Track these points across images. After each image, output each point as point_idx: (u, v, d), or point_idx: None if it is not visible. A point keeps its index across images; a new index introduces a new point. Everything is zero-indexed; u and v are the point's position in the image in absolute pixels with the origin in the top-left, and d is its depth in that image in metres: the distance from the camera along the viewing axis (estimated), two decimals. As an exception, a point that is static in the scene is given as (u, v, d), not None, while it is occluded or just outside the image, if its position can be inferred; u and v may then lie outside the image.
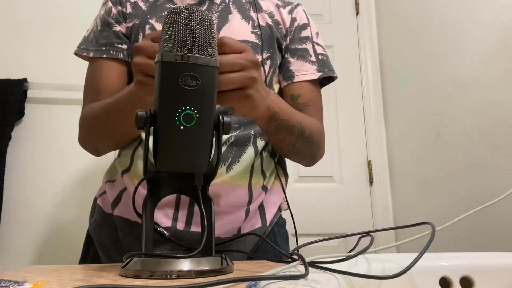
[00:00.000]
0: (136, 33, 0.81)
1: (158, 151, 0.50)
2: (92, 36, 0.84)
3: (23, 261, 1.53)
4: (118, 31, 0.82)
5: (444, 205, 1.58)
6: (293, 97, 0.85)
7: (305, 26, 0.90)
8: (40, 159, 1.63)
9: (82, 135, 0.79)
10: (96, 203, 0.82)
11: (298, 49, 0.88)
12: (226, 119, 0.52)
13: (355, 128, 2.05)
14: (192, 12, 0.48)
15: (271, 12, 0.89)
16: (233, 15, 0.84)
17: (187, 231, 0.70)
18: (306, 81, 0.86)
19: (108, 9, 0.84)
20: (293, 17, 0.90)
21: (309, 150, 0.80)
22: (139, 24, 0.81)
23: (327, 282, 0.39)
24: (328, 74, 0.87)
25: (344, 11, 2.17)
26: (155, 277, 0.47)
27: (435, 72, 1.66)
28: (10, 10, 1.72)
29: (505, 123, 1.32)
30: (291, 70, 0.86)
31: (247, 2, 0.87)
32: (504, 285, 0.52)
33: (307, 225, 1.79)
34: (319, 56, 0.89)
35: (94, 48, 0.82)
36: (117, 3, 0.84)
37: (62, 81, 1.66)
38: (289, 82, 0.86)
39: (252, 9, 0.86)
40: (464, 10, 1.51)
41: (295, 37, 0.88)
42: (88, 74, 0.84)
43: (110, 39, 0.82)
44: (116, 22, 0.83)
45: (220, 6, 0.84)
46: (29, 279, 0.46)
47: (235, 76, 0.52)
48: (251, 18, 0.85)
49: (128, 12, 0.83)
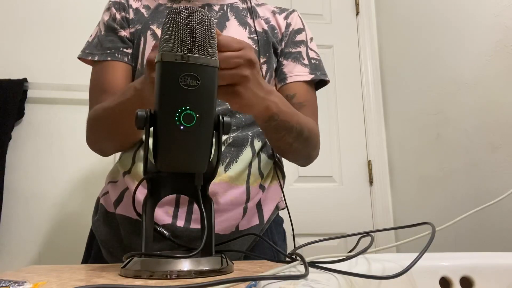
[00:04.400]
0: (138, 38, 0.83)
1: (158, 151, 0.50)
2: (96, 41, 0.85)
3: (23, 261, 1.53)
4: (123, 36, 0.84)
5: (444, 205, 1.58)
6: (289, 96, 0.85)
7: (300, 30, 0.92)
8: (40, 159, 1.63)
9: (89, 136, 0.80)
10: (99, 202, 0.83)
11: (292, 52, 0.90)
12: (226, 119, 0.52)
13: (355, 128, 2.05)
14: (192, 12, 0.48)
15: (267, 18, 0.91)
16: (231, 21, 0.86)
17: (187, 227, 0.71)
18: (300, 82, 0.87)
19: (113, 15, 0.86)
20: (288, 22, 0.92)
21: (305, 150, 0.80)
22: (141, 29, 0.83)
23: (327, 282, 0.39)
24: (320, 77, 0.89)
25: (344, 11, 2.17)
26: (155, 277, 0.47)
27: (435, 72, 1.66)
28: (10, 10, 1.72)
29: (505, 123, 1.32)
30: (284, 72, 0.89)
31: (245, 9, 0.89)
32: (504, 285, 0.52)
33: (307, 225, 1.79)
34: (311, 60, 0.91)
35: (99, 52, 0.83)
36: (120, 9, 0.86)
37: (62, 81, 1.66)
38: (283, 84, 0.88)
39: (249, 15, 0.88)
40: (464, 10, 1.51)
41: (290, 41, 0.91)
42: (93, 76, 0.85)
43: (116, 43, 0.84)
44: (121, 27, 0.85)
45: (219, 13, 0.86)
46: (29, 279, 0.46)
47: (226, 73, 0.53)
48: (248, 24, 0.87)
49: (131, 18, 0.86)
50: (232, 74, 0.54)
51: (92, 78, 0.85)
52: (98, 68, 0.84)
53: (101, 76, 0.82)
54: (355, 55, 2.13)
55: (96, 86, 0.83)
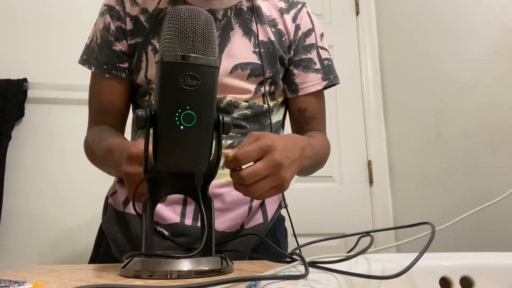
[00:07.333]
0: (139, 52, 0.80)
1: (158, 151, 0.50)
2: (93, 46, 0.84)
3: (23, 261, 1.53)
4: (118, 50, 0.81)
5: (444, 205, 1.58)
6: (300, 110, 0.88)
7: (309, 32, 0.89)
8: (40, 159, 1.63)
9: (87, 155, 0.83)
10: (108, 202, 0.84)
11: (302, 59, 0.87)
12: (226, 119, 0.52)
13: (355, 128, 2.05)
14: (192, 12, 0.48)
15: (273, 19, 0.86)
16: (235, 31, 0.81)
17: (195, 226, 0.73)
18: (312, 93, 0.87)
19: (107, 24, 0.81)
20: (297, 24, 0.87)
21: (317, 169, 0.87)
22: (141, 44, 0.80)
23: (327, 282, 0.39)
24: (333, 82, 0.90)
25: (344, 11, 2.17)
26: (155, 277, 0.47)
27: (435, 72, 1.66)
28: (10, 10, 1.72)
29: (505, 123, 1.32)
30: (296, 83, 0.87)
31: (249, 9, 0.84)
32: (504, 285, 0.52)
33: (307, 225, 1.79)
34: (324, 62, 0.89)
35: (96, 64, 0.82)
36: (115, 18, 0.81)
37: (62, 81, 1.67)
38: (294, 95, 0.88)
39: (253, 19, 0.83)
40: (464, 10, 1.51)
41: (300, 47, 0.87)
42: (91, 86, 0.86)
43: (111, 58, 0.81)
44: (116, 39, 0.81)
45: (222, 22, 0.81)
46: (29, 279, 0.46)
47: (260, 188, 0.56)
48: (253, 33, 0.82)
49: (129, 29, 0.81)
50: (266, 186, 0.57)
51: (91, 88, 0.86)
52: (97, 80, 0.84)
53: (99, 92, 0.84)
54: (355, 55, 2.13)
55: (94, 100, 0.86)
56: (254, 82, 0.80)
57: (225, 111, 0.78)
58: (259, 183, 0.56)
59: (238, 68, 0.79)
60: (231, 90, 0.78)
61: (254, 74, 0.80)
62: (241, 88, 0.79)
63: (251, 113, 0.80)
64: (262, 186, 0.56)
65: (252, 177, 0.55)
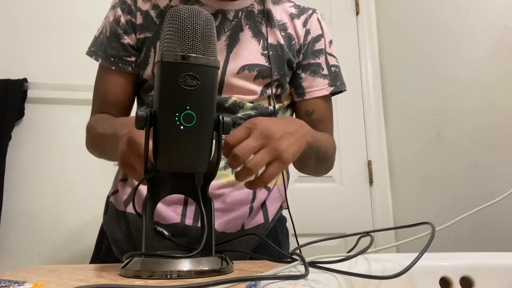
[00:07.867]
0: (148, 48, 0.80)
1: (158, 151, 0.50)
2: (101, 39, 0.84)
3: (23, 261, 1.53)
4: (126, 43, 0.82)
5: (444, 205, 1.58)
6: (308, 113, 0.87)
7: (318, 38, 0.89)
8: (40, 159, 1.63)
9: (87, 142, 0.82)
10: (109, 201, 0.84)
11: (311, 64, 0.87)
12: (226, 119, 0.52)
13: (355, 128, 2.05)
14: (192, 12, 0.48)
15: (284, 23, 0.86)
16: (244, 32, 0.81)
17: (195, 226, 0.73)
18: (319, 97, 0.87)
19: (117, 17, 0.82)
20: (307, 29, 0.88)
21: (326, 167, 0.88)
22: (151, 39, 0.80)
23: (327, 282, 0.39)
24: (340, 89, 0.89)
25: (344, 11, 2.17)
26: (155, 277, 0.47)
27: (435, 72, 1.66)
28: (10, 10, 1.72)
29: (505, 124, 1.32)
30: (302, 87, 0.87)
31: (260, 12, 0.84)
32: (504, 285, 0.52)
33: (307, 225, 1.79)
34: (331, 68, 0.89)
35: (103, 56, 0.83)
36: (126, 11, 0.82)
37: (62, 81, 1.67)
38: (301, 99, 0.88)
39: (264, 22, 0.83)
40: (464, 10, 1.51)
41: (309, 51, 0.87)
42: (97, 78, 0.86)
43: (118, 51, 0.82)
44: (125, 32, 0.82)
45: (233, 23, 0.81)
46: (29, 279, 0.46)
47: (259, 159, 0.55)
48: (262, 35, 0.82)
49: (139, 23, 0.81)
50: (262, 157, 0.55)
51: (97, 79, 0.86)
52: (103, 71, 0.85)
53: (104, 84, 0.84)
54: (355, 55, 2.13)
55: (98, 91, 0.86)
56: (260, 83, 0.81)
57: (230, 111, 0.78)
58: (255, 158, 0.55)
59: (245, 69, 0.79)
60: (237, 90, 0.79)
61: (261, 75, 0.80)
62: (247, 89, 0.79)
63: (255, 114, 0.80)
64: (258, 160, 0.55)
65: (244, 151, 0.54)
